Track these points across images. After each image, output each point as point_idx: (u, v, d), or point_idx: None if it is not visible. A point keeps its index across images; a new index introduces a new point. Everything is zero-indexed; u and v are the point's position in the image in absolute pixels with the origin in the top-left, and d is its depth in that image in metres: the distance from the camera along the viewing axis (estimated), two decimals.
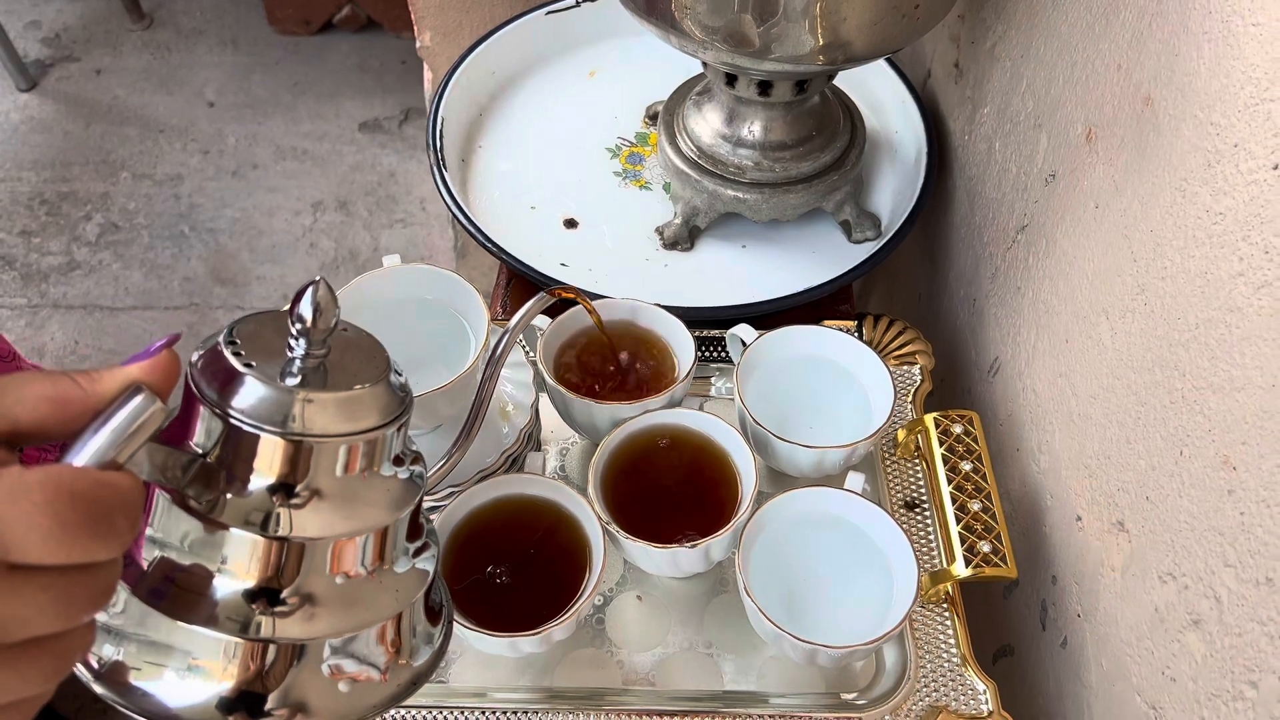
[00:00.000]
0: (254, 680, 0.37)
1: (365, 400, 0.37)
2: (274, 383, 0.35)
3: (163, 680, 0.36)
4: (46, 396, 0.30)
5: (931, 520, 0.64)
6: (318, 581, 0.38)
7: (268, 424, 0.35)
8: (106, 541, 0.29)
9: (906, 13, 0.63)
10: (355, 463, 0.37)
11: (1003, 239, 0.72)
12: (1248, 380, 0.44)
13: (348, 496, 0.38)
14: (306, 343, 0.36)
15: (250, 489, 0.36)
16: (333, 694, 0.39)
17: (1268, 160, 0.43)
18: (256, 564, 0.36)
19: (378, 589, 0.40)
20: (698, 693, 0.58)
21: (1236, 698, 0.45)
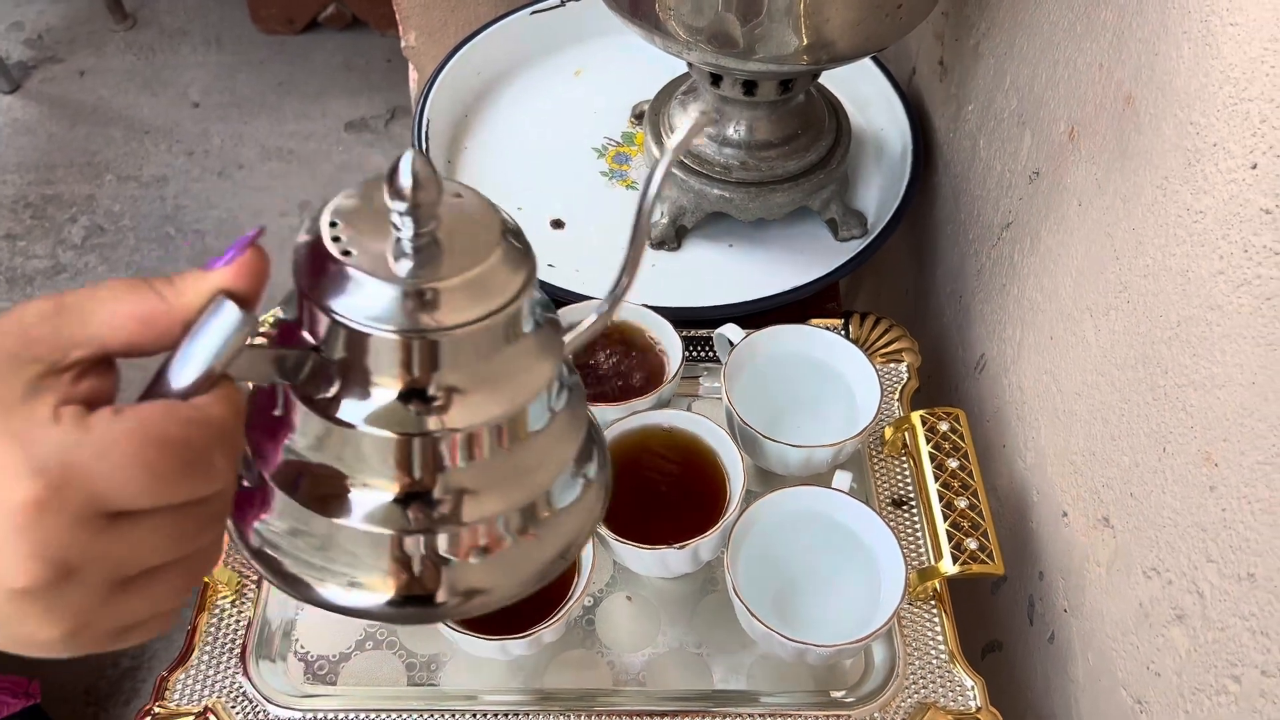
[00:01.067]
0: (415, 582, 0.35)
1: (488, 276, 0.33)
2: (383, 275, 0.31)
3: (326, 582, 0.35)
4: (132, 315, 0.29)
5: (919, 518, 0.64)
6: (467, 470, 0.35)
7: (383, 323, 0.31)
8: (205, 480, 0.29)
9: (889, 12, 0.63)
10: (489, 344, 0.34)
11: (988, 236, 0.72)
12: (1228, 378, 0.45)
13: (489, 379, 0.34)
14: (414, 221, 0.31)
15: (376, 394, 0.33)
16: (502, 569, 0.37)
17: (1246, 159, 0.43)
18: (396, 465, 0.34)
19: (532, 458, 0.37)
20: (688, 692, 0.58)
21: (1220, 692, 0.45)
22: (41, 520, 0.26)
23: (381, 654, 0.60)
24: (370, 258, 0.31)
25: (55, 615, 0.27)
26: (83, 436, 0.27)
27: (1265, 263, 0.42)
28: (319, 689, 0.58)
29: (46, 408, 0.27)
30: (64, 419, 0.27)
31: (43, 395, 0.27)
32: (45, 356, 0.28)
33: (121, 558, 0.28)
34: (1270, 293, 0.42)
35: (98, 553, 0.27)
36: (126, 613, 0.29)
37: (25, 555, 0.26)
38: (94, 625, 0.28)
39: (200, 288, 0.30)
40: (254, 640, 0.59)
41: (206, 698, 0.56)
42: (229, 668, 0.58)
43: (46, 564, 0.26)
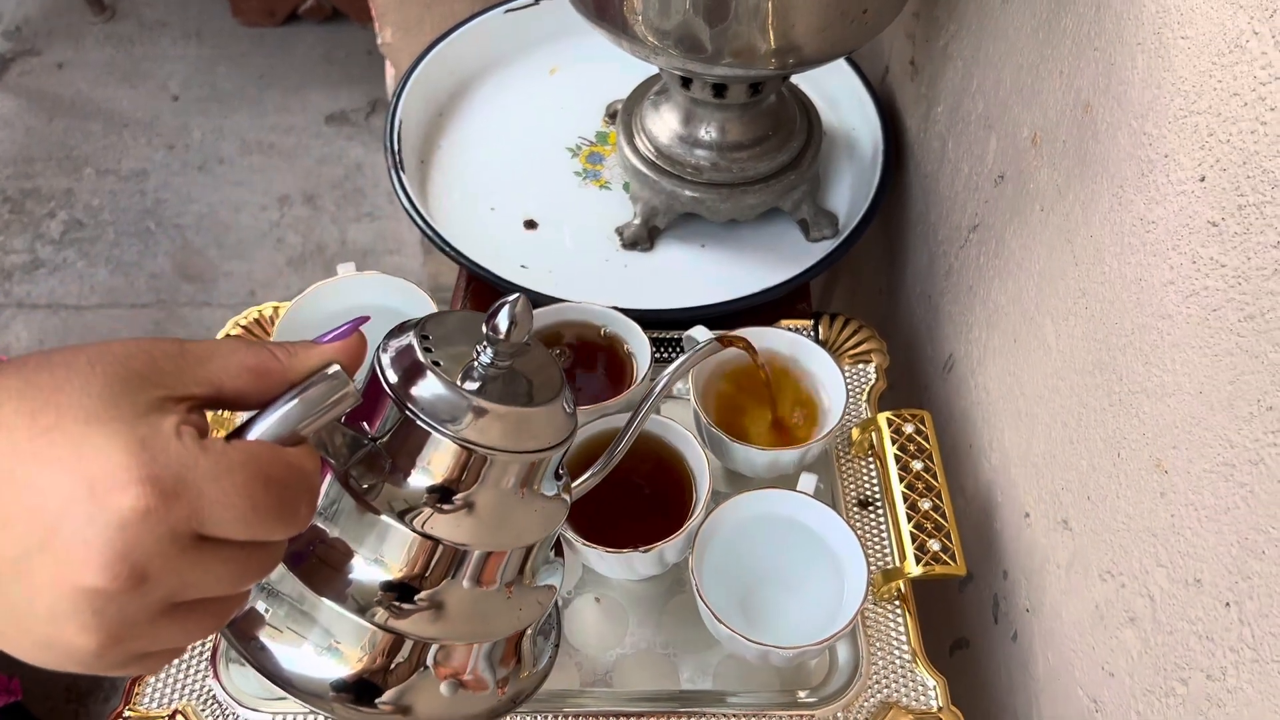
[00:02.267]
0: (375, 672, 0.38)
1: (538, 420, 0.38)
2: (454, 385, 0.36)
3: (286, 644, 0.37)
4: (249, 367, 0.32)
5: (885, 518, 0.65)
6: (452, 587, 0.39)
7: (441, 423, 0.36)
8: (288, 525, 0.31)
9: (855, 17, 0.63)
10: (515, 480, 0.38)
11: (956, 237, 0.73)
12: (1178, 386, 0.45)
13: (502, 512, 0.39)
14: (494, 353, 0.37)
15: (410, 483, 0.37)
16: (441, 699, 0.40)
17: (1195, 172, 0.44)
18: (398, 555, 0.38)
19: (506, 605, 0.41)
20: (655, 693, 0.59)
21: (1168, 694, 0.46)
22: (143, 525, 0.27)
23: None
24: (454, 374, 0.37)
25: (102, 623, 0.28)
26: (201, 456, 0.28)
27: (1212, 275, 0.43)
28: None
29: (171, 423, 0.29)
30: (185, 436, 0.28)
31: (167, 414, 0.29)
32: (168, 385, 0.30)
33: (189, 581, 0.29)
34: (1216, 304, 0.42)
35: (173, 570, 0.28)
36: (160, 638, 0.30)
37: (114, 555, 0.27)
38: (127, 644, 0.29)
39: (313, 356, 0.33)
40: (224, 643, 0.59)
41: (177, 701, 0.57)
42: (199, 671, 0.58)
43: (128, 568, 0.27)
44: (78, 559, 0.26)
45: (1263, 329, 0.40)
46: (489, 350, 0.37)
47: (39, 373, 0.28)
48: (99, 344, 0.30)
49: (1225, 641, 0.42)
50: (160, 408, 0.29)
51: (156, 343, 0.31)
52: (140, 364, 0.30)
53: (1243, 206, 0.41)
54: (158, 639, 0.30)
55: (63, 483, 0.26)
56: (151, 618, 0.29)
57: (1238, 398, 0.41)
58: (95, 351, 0.29)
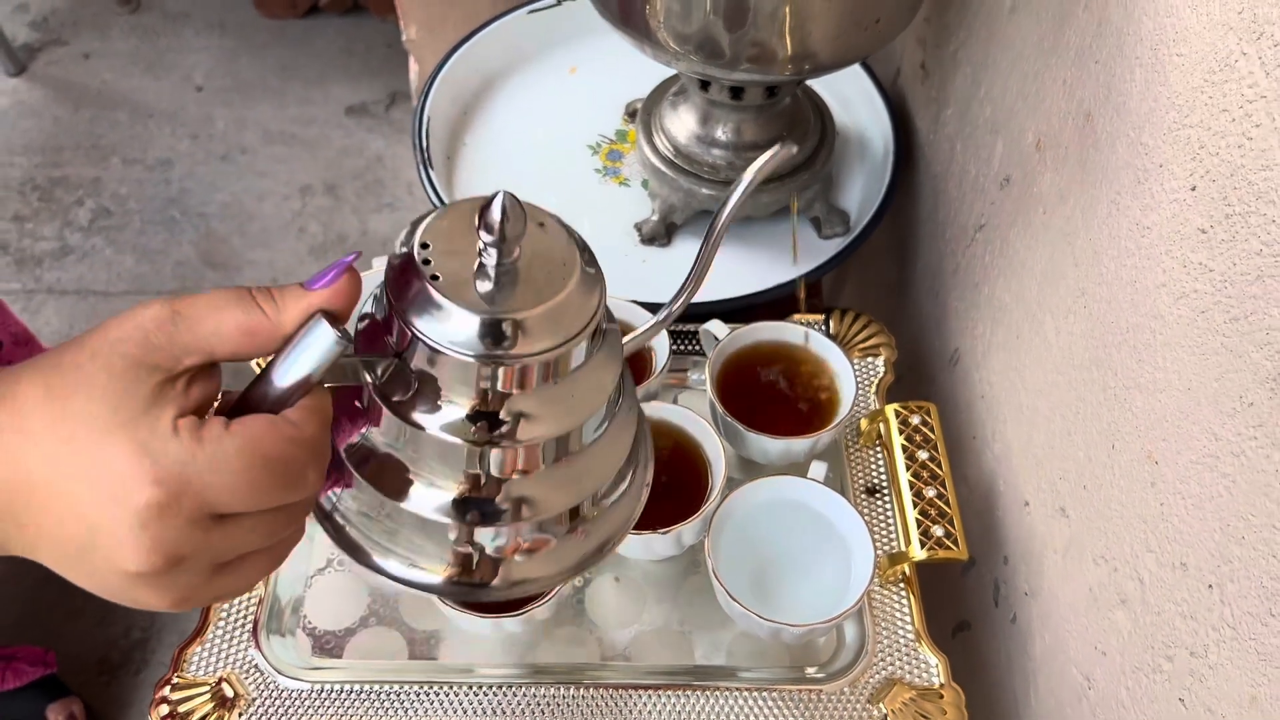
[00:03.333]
0: (469, 571, 0.39)
1: (563, 307, 0.35)
2: (466, 302, 0.34)
3: (389, 557, 0.39)
4: (239, 326, 0.33)
5: (891, 505, 0.68)
6: (525, 480, 0.38)
7: (462, 348, 0.34)
8: (299, 491, 0.34)
9: (868, 26, 0.66)
10: (558, 369, 0.36)
11: (963, 237, 0.76)
12: (1168, 382, 0.48)
13: (556, 399, 0.37)
14: (498, 252, 0.34)
15: (448, 407, 0.36)
16: (547, 562, 0.40)
17: (1187, 181, 0.46)
18: (461, 469, 0.37)
19: (586, 465, 0.39)
20: (671, 667, 0.63)
21: (1155, 670, 0.49)
22: (161, 520, 0.31)
23: (384, 630, 0.64)
24: (456, 283, 0.34)
25: (164, 592, 0.32)
26: (198, 451, 0.31)
27: (1200, 278, 0.46)
28: (326, 662, 0.62)
29: (168, 419, 0.31)
30: (182, 432, 0.31)
31: (165, 406, 0.32)
32: (163, 364, 0.32)
33: (222, 549, 0.33)
34: (1204, 306, 0.45)
35: (203, 546, 0.32)
36: (223, 588, 0.34)
37: (145, 549, 0.31)
38: (195, 598, 0.33)
39: (300, 305, 0.34)
40: (265, 615, 0.63)
41: (221, 669, 0.61)
42: (241, 641, 0.62)
43: (162, 556, 0.31)
44: (120, 554, 0.31)
45: (1246, 330, 0.42)
46: (491, 251, 0.34)
47: (53, 376, 0.31)
48: (99, 331, 0.32)
49: (1208, 621, 0.45)
50: (158, 399, 0.31)
51: (147, 312, 0.32)
52: (134, 347, 0.31)
53: (1229, 215, 0.43)
54: (221, 589, 0.34)
55: (90, 492, 0.31)
56: (205, 579, 0.33)
57: (1222, 394, 0.44)
58: (96, 342, 0.32)
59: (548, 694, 0.60)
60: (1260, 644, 0.42)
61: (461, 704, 0.60)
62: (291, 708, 0.59)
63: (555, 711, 0.59)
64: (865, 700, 0.60)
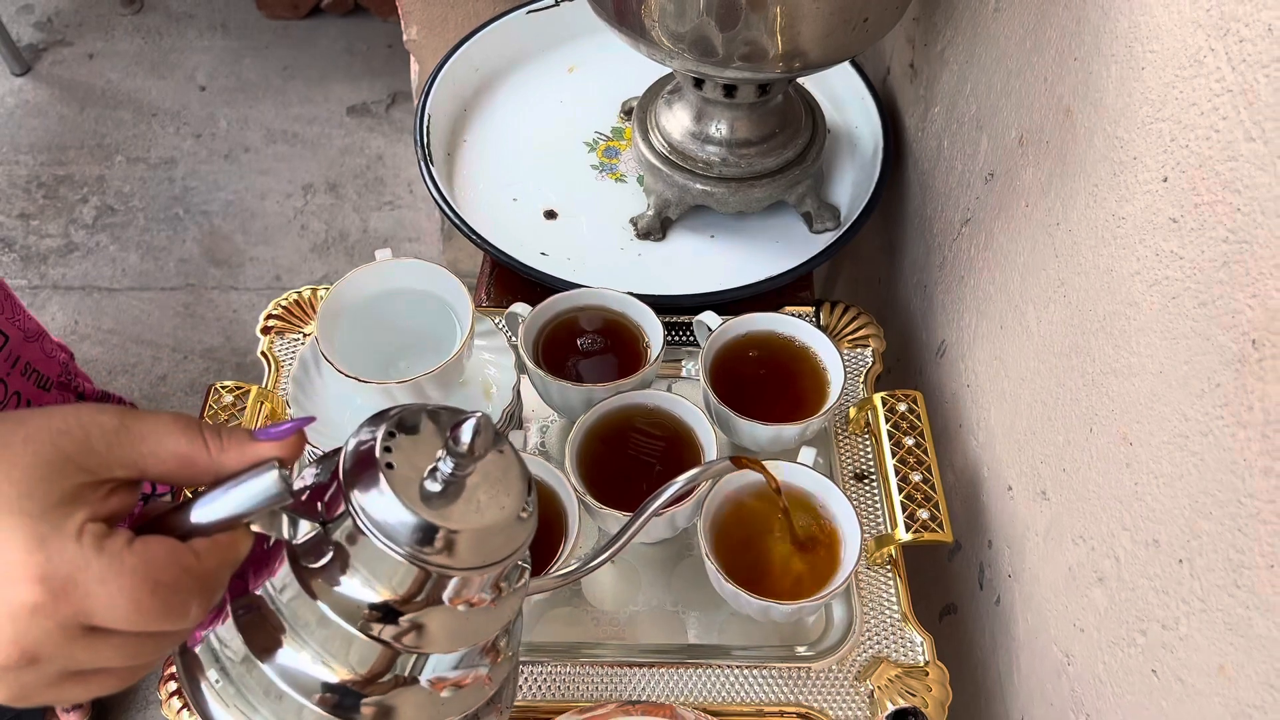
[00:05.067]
0: None
1: (493, 534, 0.36)
2: (410, 499, 0.35)
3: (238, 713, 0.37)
4: (178, 454, 0.34)
5: (878, 490, 0.70)
6: (406, 691, 0.38)
7: (389, 540, 0.35)
8: (179, 621, 0.33)
9: (856, 25, 0.68)
10: (470, 593, 0.37)
11: (949, 231, 0.78)
12: (1142, 367, 0.50)
13: (457, 623, 0.37)
14: (454, 464, 0.35)
15: (357, 595, 0.36)
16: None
17: (1159, 173, 0.48)
18: (343, 656, 0.36)
19: (468, 692, 0.40)
20: (665, 646, 0.64)
21: (1130, 644, 0.51)
22: (32, 619, 0.31)
23: None
24: (407, 482, 0.35)
25: (5, 686, 0.32)
26: (94, 560, 0.31)
27: (1171, 266, 0.47)
28: None
29: (77, 521, 0.32)
30: (85, 537, 0.31)
31: (79, 507, 0.32)
32: (94, 470, 0.32)
33: (80, 660, 0.32)
34: (1175, 292, 0.47)
35: (63, 653, 0.32)
36: (61, 695, 0.34)
37: (6, 640, 0.31)
38: (31, 697, 0.33)
39: (245, 451, 0.35)
40: None
41: None
42: None
43: (18, 652, 0.31)
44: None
45: (1213, 314, 0.44)
46: (449, 461, 0.36)
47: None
48: (43, 415, 0.32)
49: (1178, 594, 0.47)
50: (73, 500, 0.31)
51: (98, 417, 0.32)
52: (71, 444, 0.32)
53: (1198, 205, 0.45)
54: (60, 696, 0.34)
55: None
56: (49, 683, 0.33)
57: (1192, 376, 0.46)
58: (35, 425, 0.32)
59: (545, 671, 0.62)
60: (1227, 614, 0.44)
61: None
62: None
63: (552, 687, 0.61)
64: (853, 677, 0.62)
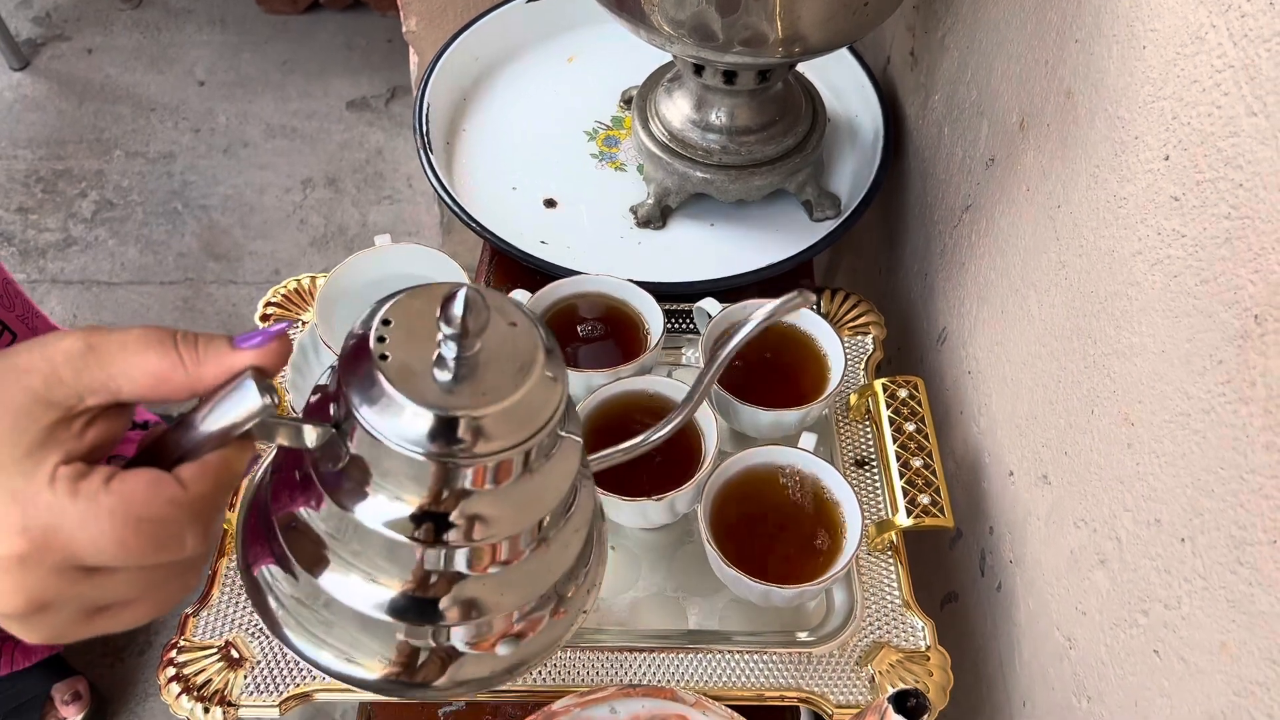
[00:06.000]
0: (414, 672, 0.37)
1: (519, 408, 0.33)
2: (417, 396, 0.32)
3: (322, 649, 0.36)
4: (151, 372, 0.32)
5: (879, 476, 0.70)
6: (473, 580, 0.36)
7: (409, 444, 0.32)
8: (174, 553, 0.32)
9: (857, 9, 0.68)
10: (515, 469, 0.34)
11: (950, 218, 0.78)
12: (1144, 346, 0.50)
13: (507, 502, 0.35)
14: (457, 346, 0.32)
15: (394, 502, 0.33)
16: (498, 661, 0.38)
17: (1160, 152, 0.48)
18: (407, 569, 0.35)
19: (539, 563, 0.38)
20: (666, 632, 0.64)
21: (1132, 625, 0.51)
22: (24, 569, 0.30)
23: None
24: (410, 373, 0.32)
25: (34, 630, 0.32)
26: (69, 505, 0.30)
27: (1173, 244, 0.47)
28: None
29: (48, 467, 0.31)
30: (59, 483, 0.30)
31: (50, 450, 0.31)
32: (63, 401, 0.31)
33: (93, 598, 0.32)
34: (1177, 271, 0.47)
35: (70, 594, 0.31)
36: (101, 628, 0.33)
37: (9, 592, 0.31)
38: (69, 635, 0.33)
39: (223, 361, 0.33)
40: None
41: (227, 633, 0.62)
42: (246, 606, 0.63)
43: (25, 600, 0.31)
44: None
45: (1215, 291, 0.44)
46: (450, 345, 0.33)
47: None
48: (8, 355, 0.31)
49: (1180, 573, 0.47)
50: (45, 444, 0.30)
51: (60, 344, 0.31)
52: (37, 380, 0.31)
53: (1200, 182, 0.45)
54: (96, 629, 0.33)
55: None
56: (78, 621, 0.32)
57: (1194, 354, 0.46)
58: (2, 369, 0.31)
59: None
60: (1230, 591, 0.43)
61: None
62: (295, 669, 0.60)
63: (552, 672, 0.61)
64: (854, 662, 0.62)
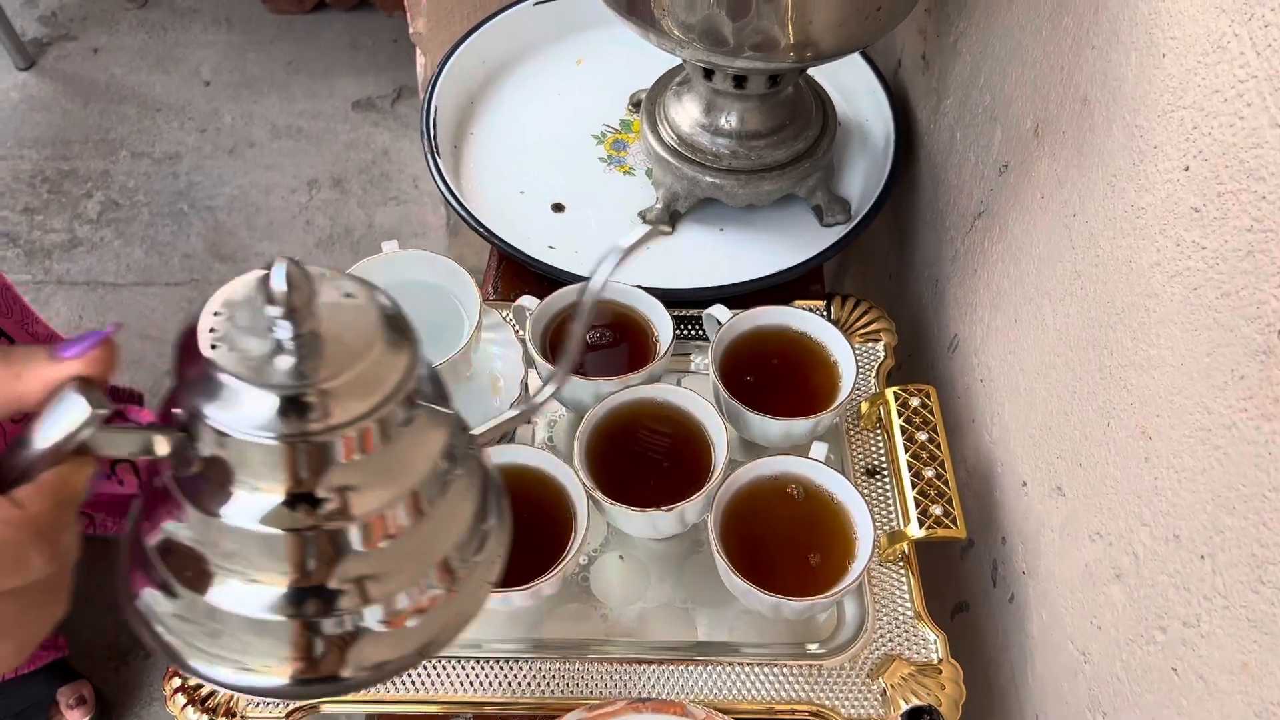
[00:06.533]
0: (317, 665, 0.35)
1: (364, 376, 0.32)
2: (256, 379, 0.31)
3: (217, 665, 0.35)
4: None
5: (890, 486, 0.69)
6: (366, 557, 0.34)
7: (259, 430, 0.31)
8: (16, 578, 0.30)
9: (869, 14, 0.67)
10: (373, 440, 0.33)
11: (962, 224, 0.77)
12: (1162, 359, 0.49)
13: (372, 474, 0.34)
14: (291, 324, 0.31)
15: (255, 496, 0.32)
16: (407, 638, 0.37)
17: (1180, 162, 0.48)
18: (287, 561, 0.33)
19: (421, 538, 0.36)
20: (675, 643, 0.64)
21: (1149, 641, 0.51)
22: None
23: None
24: (246, 358, 0.31)
25: None
26: None
27: (1193, 256, 0.47)
28: None
29: None
30: None
31: None
32: None
33: None
34: (1197, 283, 0.46)
35: None
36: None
37: None
38: None
39: (43, 377, 0.31)
40: None
41: None
42: None
43: None
44: None
45: (1237, 305, 0.43)
46: (283, 324, 0.31)
47: None
48: None
49: (1200, 591, 0.46)
50: None
51: None
52: None
53: (1221, 194, 0.45)
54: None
55: None
56: None
57: (1214, 368, 0.45)
58: None
59: (554, 668, 0.61)
60: (1251, 611, 0.43)
61: (469, 677, 0.61)
62: None
63: (561, 684, 0.60)
64: (865, 675, 0.61)
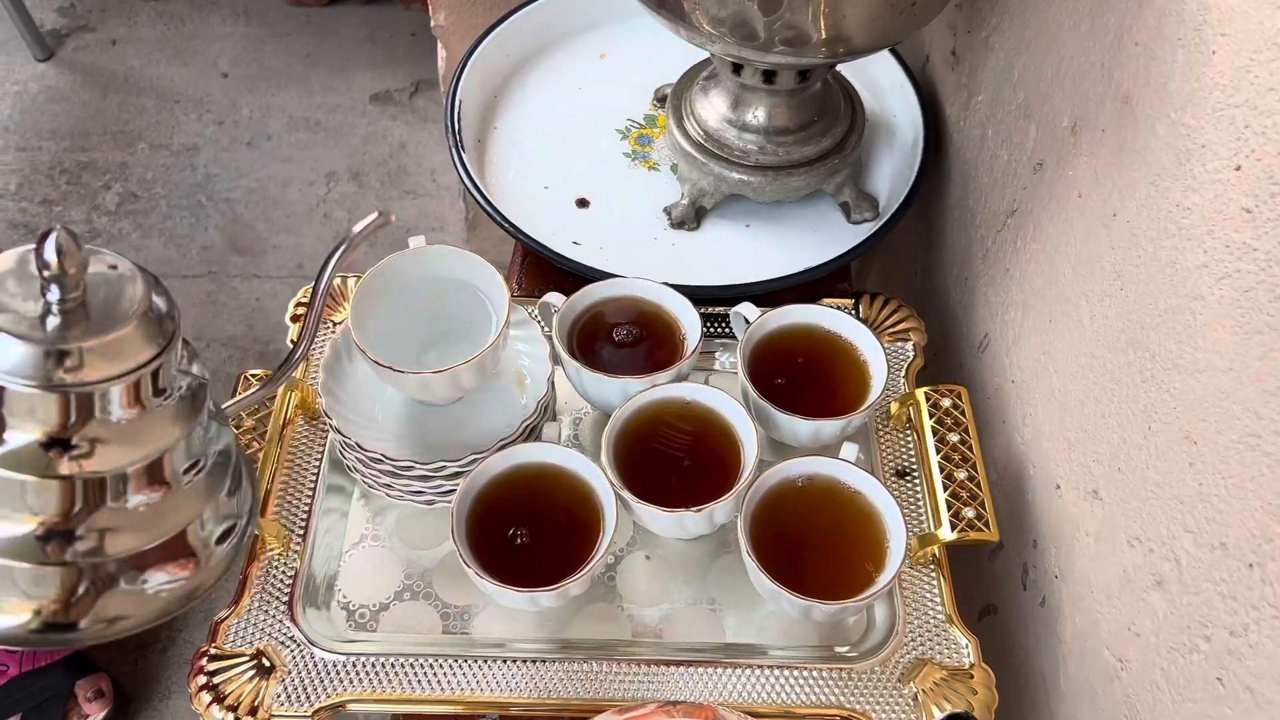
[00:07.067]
0: (57, 612, 0.38)
1: (127, 340, 0.37)
2: (26, 335, 0.36)
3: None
4: None
5: (921, 488, 0.68)
6: (107, 512, 0.38)
7: (21, 378, 0.35)
8: None
9: (904, 9, 0.66)
10: (128, 399, 0.38)
11: (993, 222, 0.76)
12: (1209, 363, 0.48)
13: (127, 431, 0.38)
14: (59, 288, 0.36)
15: (11, 438, 0.36)
16: (144, 599, 0.40)
17: (1231, 161, 0.46)
18: (30, 504, 0.37)
19: (177, 499, 0.40)
20: (702, 645, 0.63)
21: (1192, 650, 0.50)
22: None
23: (418, 604, 0.64)
24: (19, 318, 0.36)
25: None
26: None
27: (1244, 258, 0.46)
28: (360, 635, 0.63)
29: None
30: None
31: None
32: None
33: None
34: (1248, 285, 0.45)
35: None
36: None
37: None
38: None
39: None
40: (301, 589, 0.63)
41: (258, 641, 0.61)
42: (278, 614, 0.62)
43: None
44: None
45: None
46: (53, 289, 0.36)
47: None
48: None
49: (1248, 600, 0.45)
50: None
51: None
52: None
53: (1275, 194, 0.43)
54: None
55: None
56: None
57: (1266, 373, 0.44)
58: None
59: (580, 669, 0.60)
60: None
61: (494, 677, 0.60)
62: (328, 678, 0.59)
63: (587, 685, 0.60)
64: (896, 679, 0.60)
